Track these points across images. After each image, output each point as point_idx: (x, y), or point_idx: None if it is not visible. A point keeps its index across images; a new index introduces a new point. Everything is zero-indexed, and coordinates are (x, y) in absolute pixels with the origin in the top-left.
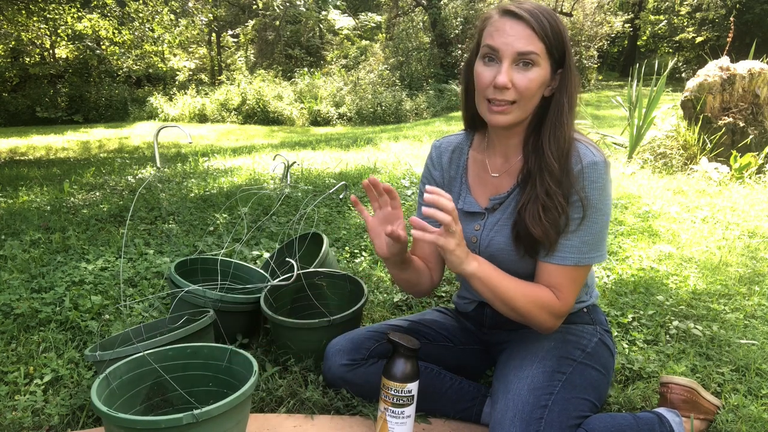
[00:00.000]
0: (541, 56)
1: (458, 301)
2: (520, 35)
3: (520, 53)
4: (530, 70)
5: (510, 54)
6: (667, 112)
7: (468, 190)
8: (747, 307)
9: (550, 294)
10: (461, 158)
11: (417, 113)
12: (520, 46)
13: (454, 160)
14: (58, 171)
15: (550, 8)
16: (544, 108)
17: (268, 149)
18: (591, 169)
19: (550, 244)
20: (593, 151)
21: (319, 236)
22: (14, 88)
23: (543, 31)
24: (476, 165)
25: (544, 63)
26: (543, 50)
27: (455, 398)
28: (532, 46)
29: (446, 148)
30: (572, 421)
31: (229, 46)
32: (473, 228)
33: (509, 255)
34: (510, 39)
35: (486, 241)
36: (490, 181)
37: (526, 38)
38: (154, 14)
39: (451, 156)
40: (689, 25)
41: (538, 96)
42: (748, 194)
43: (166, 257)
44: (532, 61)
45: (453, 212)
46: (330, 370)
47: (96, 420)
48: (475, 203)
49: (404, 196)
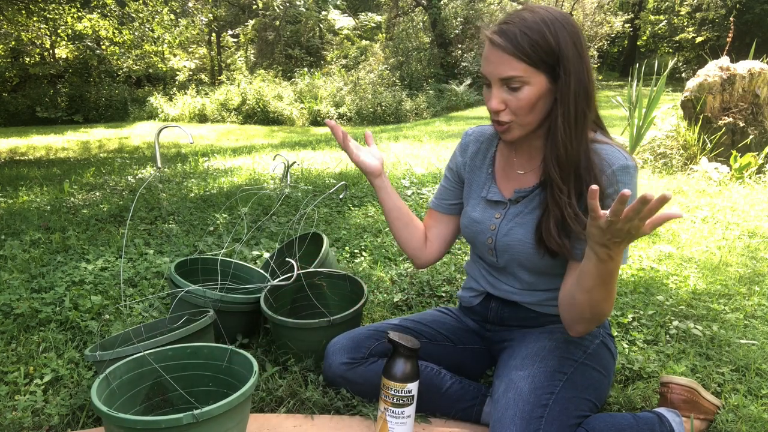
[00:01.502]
0: (526, 75)
1: (463, 294)
2: (499, 61)
3: (502, 79)
4: (519, 91)
5: (495, 80)
6: (667, 112)
7: (493, 180)
8: (747, 307)
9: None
10: (489, 150)
11: (417, 113)
12: (501, 71)
13: (482, 151)
14: (58, 171)
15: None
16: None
17: (268, 149)
18: (622, 173)
19: (568, 253)
20: (624, 154)
21: (319, 236)
22: (14, 88)
23: (521, 52)
24: (503, 158)
25: (534, 79)
26: (526, 69)
27: (455, 398)
28: (512, 70)
29: (476, 139)
30: (573, 420)
31: (229, 46)
32: (494, 216)
33: (525, 247)
34: (491, 67)
35: (504, 231)
36: (516, 176)
37: (505, 63)
38: (154, 14)
39: (479, 147)
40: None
41: (541, 107)
42: (748, 194)
43: (166, 257)
44: (520, 83)
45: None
46: (330, 368)
47: (96, 420)
48: (498, 193)
49: (404, 196)
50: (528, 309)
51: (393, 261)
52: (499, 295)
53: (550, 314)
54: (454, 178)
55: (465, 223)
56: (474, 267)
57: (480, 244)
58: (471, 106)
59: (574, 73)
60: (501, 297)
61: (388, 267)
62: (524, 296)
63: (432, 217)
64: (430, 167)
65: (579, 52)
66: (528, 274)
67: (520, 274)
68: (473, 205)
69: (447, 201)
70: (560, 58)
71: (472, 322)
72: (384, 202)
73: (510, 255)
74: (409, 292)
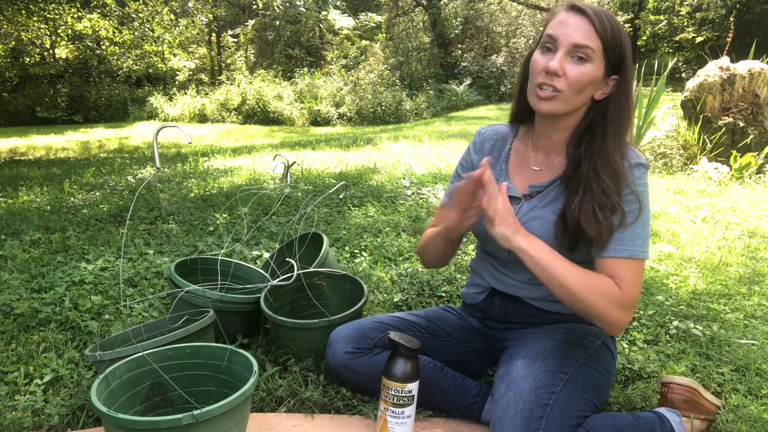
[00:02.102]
0: (596, 53)
1: (467, 291)
2: (579, 28)
3: (576, 45)
4: (583, 64)
5: (567, 44)
6: (667, 112)
7: (507, 176)
8: (747, 307)
9: (611, 283)
10: (504, 147)
11: (417, 113)
12: (577, 37)
13: (496, 148)
14: (58, 171)
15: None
16: (598, 111)
17: (268, 149)
18: (637, 169)
19: (603, 242)
20: (638, 152)
21: (319, 236)
22: (14, 88)
23: (603, 30)
24: (518, 156)
25: (598, 61)
26: (599, 47)
27: (456, 395)
28: (589, 40)
29: (490, 136)
30: (573, 420)
31: (229, 46)
32: None
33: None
34: (569, 30)
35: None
36: (530, 173)
37: (585, 32)
38: (154, 14)
39: (493, 144)
40: (689, 25)
41: (587, 93)
42: (748, 194)
43: (166, 257)
44: (587, 56)
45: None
46: (333, 356)
47: (96, 420)
48: (512, 188)
49: (404, 196)
50: (531, 306)
51: (393, 261)
52: (504, 290)
53: (553, 311)
54: None
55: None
56: (479, 263)
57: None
58: (471, 106)
59: (629, 79)
60: (506, 292)
61: (388, 267)
62: (530, 291)
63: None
64: (430, 167)
65: (631, 63)
66: None
67: None
68: None
69: None
70: (624, 57)
71: (475, 321)
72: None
73: None
74: (409, 292)
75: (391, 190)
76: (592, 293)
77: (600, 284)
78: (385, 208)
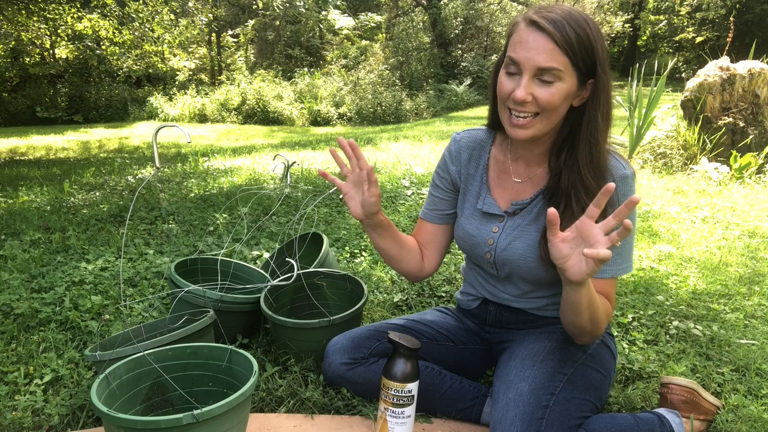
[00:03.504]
0: (564, 70)
1: (461, 298)
2: (541, 49)
3: (540, 68)
4: (552, 85)
5: (530, 68)
6: (667, 112)
7: (488, 190)
8: (747, 307)
9: (608, 303)
10: (482, 157)
11: (417, 113)
12: (540, 60)
13: (474, 158)
14: (58, 171)
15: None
16: (576, 119)
17: (268, 149)
18: (622, 183)
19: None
20: (623, 163)
21: (319, 236)
22: (14, 88)
23: (567, 45)
24: (497, 166)
25: (568, 77)
26: (566, 64)
27: (455, 398)
28: (554, 61)
29: (467, 144)
30: (573, 421)
31: (229, 46)
32: (491, 230)
33: (526, 262)
34: (531, 53)
35: (504, 245)
36: (512, 185)
37: (548, 52)
38: (154, 14)
39: (470, 153)
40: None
41: (564, 107)
42: (748, 194)
43: (166, 257)
44: (555, 77)
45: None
46: (330, 368)
47: (96, 420)
48: (494, 204)
49: (404, 196)
50: (527, 312)
51: None
52: (497, 301)
53: (550, 317)
54: (448, 187)
55: (460, 235)
56: (471, 273)
57: (478, 256)
58: (471, 106)
59: (605, 82)
60: (499, 303)
61: (388, 267)
62: (523, 303)
63: (426, 229)
64: (430, 167)
65: (607, 57)
66: (529, 284)
67: (520, 284)
68: (468, 216)
69: (442, 211)
70: (597, 60)
71: (471, 323)
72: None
73: (511, 268)
74: (409, 292)
75: (391, 190)
76: (605, 317)
77: (608, 306)
78: (385, 208)
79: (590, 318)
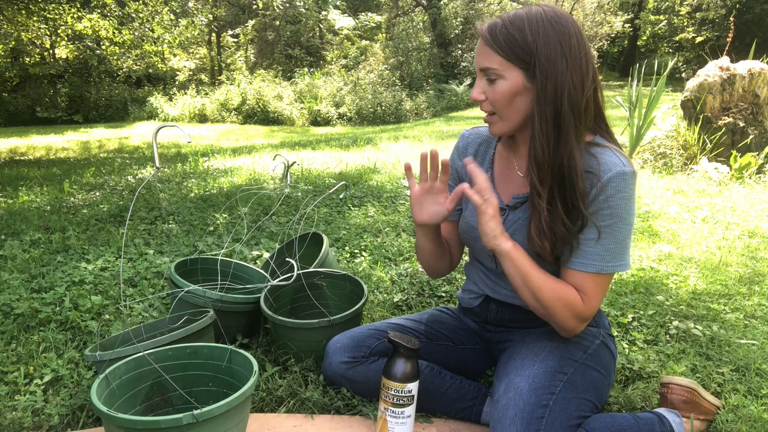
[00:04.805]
0: (501, 67)
1: (463, 295)
2: (480, 51)
3: (481, 69)
4: (496, 83)
5: (478, 70)
6: (667, 112)
7: (493, 183)
8: (747, 307)
9: (576, 295)
10: (488, 152)
11: (417, 113)
12: (480, 61)
13: (480, 153)
14: (58, 171)
15: (536, 12)
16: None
17: (268, 149)
18: (619, 179)
19: (549, 258)
20: (622, 159)
21: (319, 236)
22: (14, 88)
23: (496, 44)
24: (502, 160)
25: (509, 74)
26: (501, 62)
27: (455, 397)
28: (489, 61)
29: (474, 140)
30: (573, 420)
31: (229, 46)
32: None
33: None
34: (477, 58)
35: None
36: (515, 179)
37: (485, 54)
38: (154, 14)
39: (477, 149)
40: (689, 25)
41: (521, 104)
42: (748, 194)
43: (166, 257)
44: (496, 75)
45: (488, 182)
46: (330, 367)
47: (96, 420)
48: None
49: (404, 196)
50: (528, 311)
51: (393, 261)
52: (498, 298)
53: None
54: (456, 181)
55: (464, 228)
56: (473, 270)
57: (479, 250)
58: (471, 106)
59: (553, 74)
60: (501, 300)
61: (388, 267)
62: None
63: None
64: None
65: (565, 53)
66: None
67: None
68: (471, 209)
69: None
70: (536, 56)
71: (472, 323)
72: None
73: None
74: (409, 292)
75: (391, 190)
76: (559, 305)
77: (567, 296)
78: (385, 208)
79: (533, 297)
